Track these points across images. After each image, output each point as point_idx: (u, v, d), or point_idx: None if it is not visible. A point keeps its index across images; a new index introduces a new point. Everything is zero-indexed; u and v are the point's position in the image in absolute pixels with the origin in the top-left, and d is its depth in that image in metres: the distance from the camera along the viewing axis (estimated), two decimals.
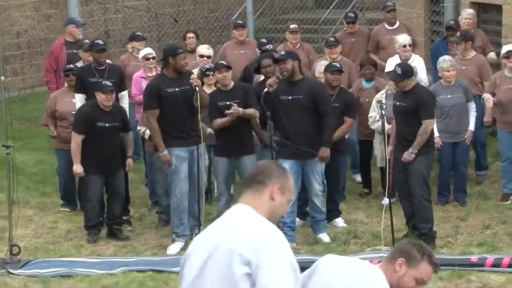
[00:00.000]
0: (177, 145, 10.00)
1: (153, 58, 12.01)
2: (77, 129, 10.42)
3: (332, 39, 12.43)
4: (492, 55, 12.89)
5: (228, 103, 10.35)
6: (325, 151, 9.99)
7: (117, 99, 11.04)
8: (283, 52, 10.52)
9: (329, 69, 10.73)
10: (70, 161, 11.23)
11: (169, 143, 10.01)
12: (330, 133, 10.16)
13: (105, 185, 10.53)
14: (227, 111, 10.18)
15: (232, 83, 10.62)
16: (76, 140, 10.35)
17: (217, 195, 11.03)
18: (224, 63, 10.85)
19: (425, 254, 4.77)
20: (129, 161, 10.69)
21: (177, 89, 9.91)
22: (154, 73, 11.73)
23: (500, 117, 11.36)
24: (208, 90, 11.06)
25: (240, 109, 10.21)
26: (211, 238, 4.35)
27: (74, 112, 11.06)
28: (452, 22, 13.44)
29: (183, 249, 9.89)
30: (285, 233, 9.92)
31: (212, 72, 11.28)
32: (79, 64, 11.92)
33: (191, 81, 9.90)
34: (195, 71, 11.57)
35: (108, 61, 11.49)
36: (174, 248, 10.00)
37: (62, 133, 11.28)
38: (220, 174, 10.62)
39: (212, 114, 10.47)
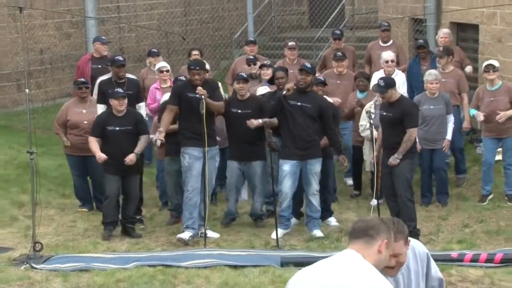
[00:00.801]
0: (191, 145, 10.02)
1: (167, 71, 12.04)
2: (91, 132, 10.46)
3: (340, 54, 12.42)
4: (469, 68, 12.95)
5: (239, 111, 10.42)
6: (344, 157, 10.62)
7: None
8: (309, 65, 10.52)
9: (314, 81, 10.75)
10: (80, 165, 11.33)
11: (184, 143, 10.07)
12: (339, 143, 10.52)
13: (121, 187, 10.51)
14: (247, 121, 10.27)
15: (248, 94, 10.64)
16: (90, 140, 10.39)
17: (226, 196, 11.08)
18: (244, 75, 10.84)
19: (397, 229, 4.61)
20: (131, 156, 10.35)
21: (197, 96, 9.89)
22: (168, 84, 11.77)
23: (484, 126, 11.40)
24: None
25: (255, 121, 10.22)
26: (325, 280, 4.33)
27: (85, 122, 11.08)
28: (421, 41, 13.45)
29: (193, 236, 9.99)
30: (282, 223, 10.10)
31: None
32: (106, 77, 11.80)
33: (197, 91, 9.88)
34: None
35: (128, 75, 11.50)
36: (184, 235, 9.98)
37: (73, 140, 11.28)
38: (230, 176, 10.68)
39: (224, 117, 10.57)
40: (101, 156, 10.23)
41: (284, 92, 10.08)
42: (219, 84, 11.52)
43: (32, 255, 9.43)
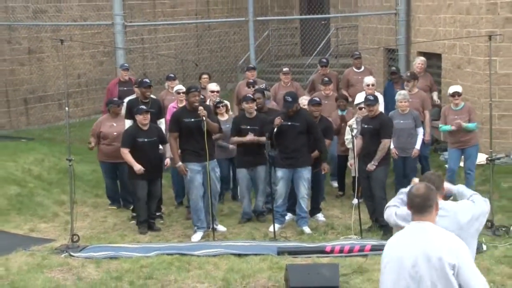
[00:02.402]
0: (192, 161, 9.93)
1: (183, 92, 12.01)
2: (123, 144, 10.37)
3: (326, 79, 12.39)
4: (435, 95, 13.00)
5: (248, 127, 10.40)
6: (325, 165, 10.44)
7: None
8: (290, 98, 10.18)
9: (310, 102, 10.79)
10: (111, 170, 11.31)
11: (186, 159, 9.98)
12: (326, 152, 10.48)
13: (148, 190, 10.43)
14: (250, 133, 10.30)
15: (255, 113, 10.57)
16: (124, 152, 10.29)
17: (240, 198, 11.02)
18: (251, 96, 10.77)
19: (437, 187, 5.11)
20: (167, 161, 10.63)
21: (192, 120, 9.83)
22: (184, 104, 11.74)
23: (449, 139, 11.38)
24: (221, 118, 11.05)
25: (255, 138, 10.28)
26: (413, 248, 4.63)
27: (115, 133, 11.08)
28: (394, 68, 13.50)
29: (203, 237, 9.98)
30: (277, 219, 10.06)
31: (221, 104, 11.34)
32: (132, 97, 11.77)
33: (198, 112, 9.76)
34: (208, 103, 11.64)
35: (152, 95, 11.51)
36: (196, 237, 10.00)
37: (104, 149, 11.28)
38: (241, 181, 10.66)
39: (233, 133, 10.52)
40: (140, 168, 10.13)
41: (274, 128, 9.94)
42: (227, 102, 11.53)
43: (71, 245, 9.46)
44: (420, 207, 4.71)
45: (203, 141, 9.75)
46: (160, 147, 10.57)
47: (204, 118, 9.74)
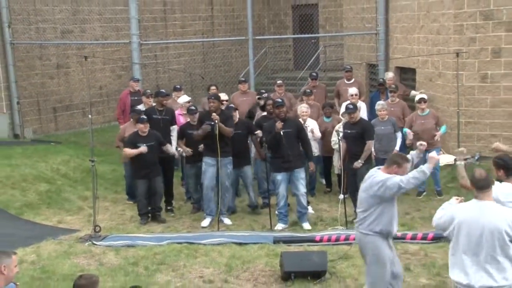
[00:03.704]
0: (206, 155, 10.04)
1: (188, 102, 11.97)
2: (125, 147, 10.42)
3: (308, 90, 12.39)
4: (413, 92, 13.10)
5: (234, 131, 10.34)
6: (312, 164, 10.19)
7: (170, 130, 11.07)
8: (280, 100, 10.27)
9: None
10: (132, 169, 11.28)
11: (204, 154, 10.12)
12: (312, 153, 10.30)
13: (149, 187, 10.41)
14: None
15: (238, 118, 10.61)
16: (126, 149, 10.33)
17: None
18: (233, 106, 10.92)
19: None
20: (167, 147, 10.54)
21: (211, 123, 9.87)
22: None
23: (417, 142, 11.36)
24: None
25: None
26: (481, 219, 5.27)
27: None
28: (381, 80, 13.53)
29: (211, 223, 10.01)
30: (281, 219, 9.92)
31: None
32: (140, 106, 11.79)
33: (212, 117, 9.84)
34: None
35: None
36: (205, 222, 10.03)
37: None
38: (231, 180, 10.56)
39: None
40: (144, 148, 10.14)
41: (278, 130, 9.76)
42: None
43: (93, 235, 9.46)
44: (486, 186, 5.34)
45: (216, 141, 9.75)
46: (179, 149, 10.53)
47: (216, 122, 9.77)
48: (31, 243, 9.15)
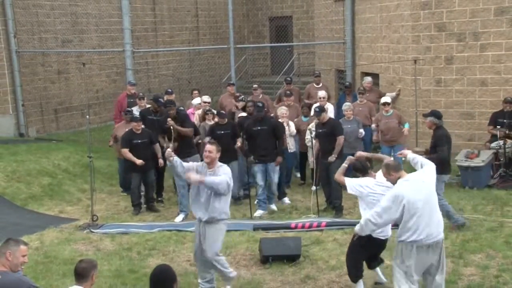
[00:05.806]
0: (179, 156, 9.93)
1: (206, 103, 11.81)
2: (123, 145, 10.30)
3: (288, 92, 12.31)
4: (391, 95, 12.99)
5: (222, 132, 10.30)
6: (279, 158, 10.16)
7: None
8: (260, 104, 10.29)
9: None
10: (127, 163, 11.19)
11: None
12: (282, 149, 10.32)
13: (142, 180, 10.37)
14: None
15: (226, 120, 10.51)
16: (125, 151, 10.25)
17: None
18: (224, 112, 10.72)
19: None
20: (160, 161, 10.41)
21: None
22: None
23: (382, 138, 11.45)
24: (208, 122, 10.98)
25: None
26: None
27: None
28: (348, 83, 13.54)
29: (184, 219, 9.80)
30: (260, 205, 9.93)
31: (210, 112, 11.15)
32: (135, 108, 11.68)
33: (167, 123, 9.87)
34: (200, 111, 11.52)
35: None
36: (178, 218, 9.85)
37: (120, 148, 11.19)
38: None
39: (211, 137, 10.34)
40: (141, 162, 10.10)
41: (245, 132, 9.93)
42: (214, 111, 11.33)
43: (91, 223, 9.41)
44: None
45: (173, 142, 9.77)
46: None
47: (171, 127, 9.78)
48: (35, 231, 9.09)
